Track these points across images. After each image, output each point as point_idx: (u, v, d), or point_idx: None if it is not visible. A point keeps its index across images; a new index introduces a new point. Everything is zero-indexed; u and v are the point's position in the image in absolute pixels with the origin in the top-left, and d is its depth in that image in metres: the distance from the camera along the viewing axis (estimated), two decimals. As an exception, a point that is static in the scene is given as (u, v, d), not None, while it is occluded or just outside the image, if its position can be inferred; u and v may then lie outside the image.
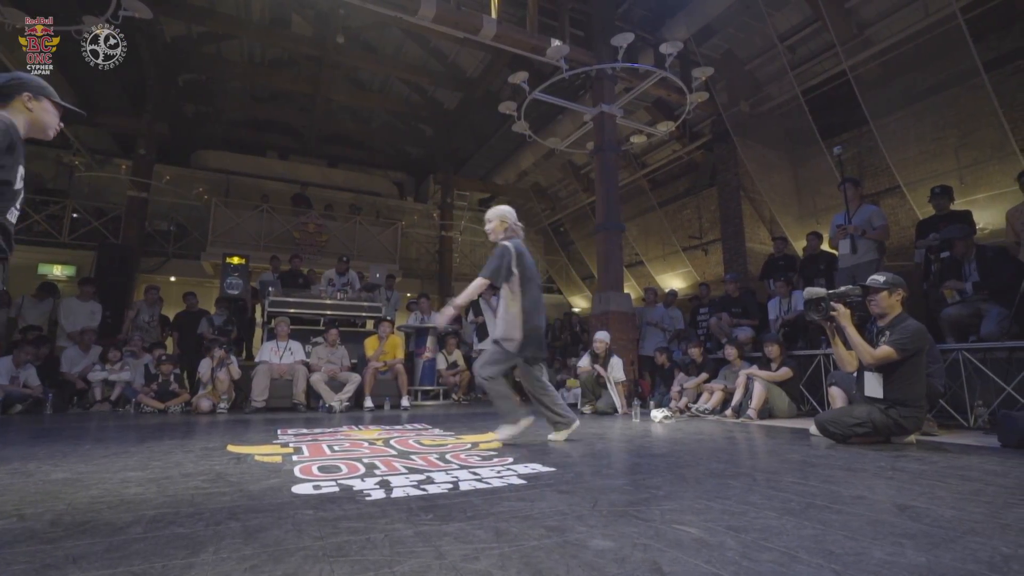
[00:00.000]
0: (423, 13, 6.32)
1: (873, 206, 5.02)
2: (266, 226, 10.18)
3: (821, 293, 3.21)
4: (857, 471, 2.27)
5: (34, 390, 5.18)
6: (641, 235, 11.96)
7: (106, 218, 9.60)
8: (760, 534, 1.39)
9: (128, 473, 2.26)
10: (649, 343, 6.95)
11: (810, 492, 1.88)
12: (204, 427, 4.12)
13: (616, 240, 7.13)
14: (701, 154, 9.98)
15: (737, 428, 4.09)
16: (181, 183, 10.72)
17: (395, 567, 1.18)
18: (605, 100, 7.26)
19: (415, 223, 13.48)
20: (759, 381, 4.64)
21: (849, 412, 3.12)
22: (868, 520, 1.51)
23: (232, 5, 9.48)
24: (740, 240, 8.40)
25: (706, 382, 5.33)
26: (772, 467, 2.40)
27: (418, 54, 11.18)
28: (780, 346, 4.79)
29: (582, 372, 5.55)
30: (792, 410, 4.70)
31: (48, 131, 2.04)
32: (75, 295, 6.61)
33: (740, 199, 8.54)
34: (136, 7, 5.27)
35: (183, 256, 10.01)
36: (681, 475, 2.21)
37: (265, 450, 2.86)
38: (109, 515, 1.62)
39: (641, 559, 1.22)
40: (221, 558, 1.25)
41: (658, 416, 4.49)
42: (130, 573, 1.16)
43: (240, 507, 1.69)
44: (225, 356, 5.23)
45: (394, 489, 1.94)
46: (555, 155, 12.31)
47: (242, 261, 6.58)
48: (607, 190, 7.21)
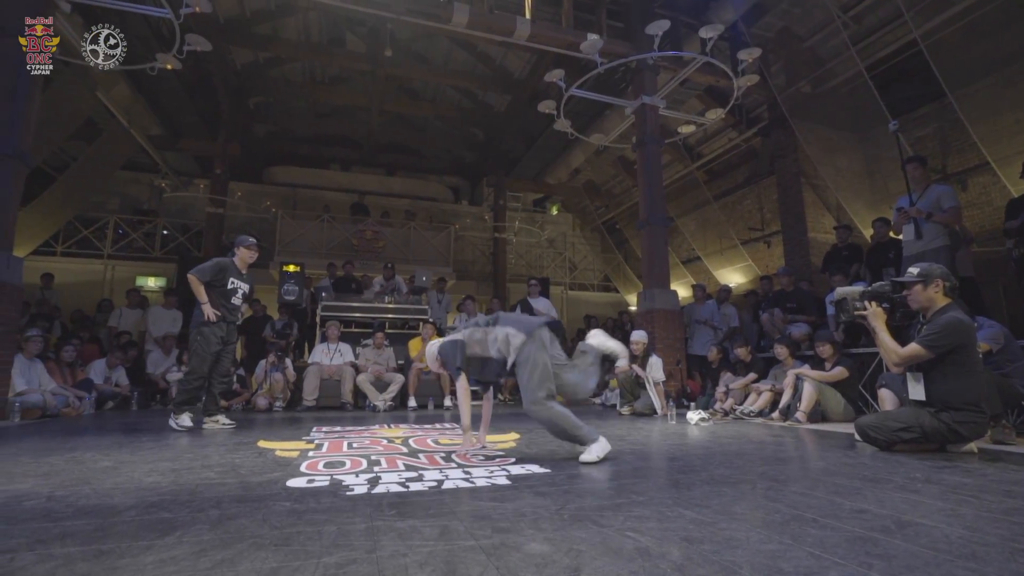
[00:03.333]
0: (457, 20, 6.45)
1: (943, 186, 4.49)
2: (327, 235, 10.80)
3: (852, 291, 2.94)
4: (880, 482, 2.06)
5: (123, 389, 5.85)
6: (699, 229, 11.46)
7: (190, 233, 10.63)
8: (715, 546, 1.31)
9: (159, 463, 2.50)
10: (698, 342, 6.64)
11: (806, 504, 1.73)
12: (251, 423, 4.45)
13: (661, 236, 6.89)
14: (758, 141, 9.39)
15: (781, 431, 3.82)
16: (253, 198, 11.63)
17: (324, 558, 1.23)
18: (646, 92, 7.04)
19: (468, 226, 13.72)
20: (809, 382, 4.30)
21: (894, 416, 2.82)
22: (850, 537, 1.37)
23: (293, 30, 10.16)
24: (801, 230, 7.82)
25: (755, 382, 5.02)
26: (784, 475, 2.23)
27: (466, 60, 11.39)
28: (833, 345, 4.41)
29: (620, 372, 5.40)
30: (849, 413, 4.32)
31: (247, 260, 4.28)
32: (160, 304, 7.37)
33: (800, 186, 7.94)
34: (198, 41, 5.79)
35: (256, 266, 10.81)
36: (676, 480, 2.11)
37: (288, 445, 3.05)
38: (118, 499, 1.80)
39: (564, 565, 1.18)
40: (180, 541, 1.36)
41: (694, 418, 4.29)
42: (98, 551, 1.29)
43: (230, 497, 1.83)
44: (278, 360, 5.62)
45: (378, 485, 2.01)
46: (606, 151, 12.09)
47: (297, 269, 7.03)
48: (650, 184, 6.98)
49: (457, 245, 12.80)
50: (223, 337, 4.09)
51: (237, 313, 4.20)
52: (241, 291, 4.17)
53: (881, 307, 2.90)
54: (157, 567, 1.18)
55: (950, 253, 4.16)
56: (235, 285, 4.12)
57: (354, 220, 11.56)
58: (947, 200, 4.23)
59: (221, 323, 4.05)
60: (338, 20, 9.66)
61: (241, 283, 4.18)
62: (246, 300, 4.35)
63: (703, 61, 6.18)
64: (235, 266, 4.17)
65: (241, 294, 4.18)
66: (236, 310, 4.17)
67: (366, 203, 12.73)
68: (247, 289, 4.26)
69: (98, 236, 10.22)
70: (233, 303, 4.12)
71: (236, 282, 4.13)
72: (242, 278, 4.20)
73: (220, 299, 4.06)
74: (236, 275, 4.15)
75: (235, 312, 4.17)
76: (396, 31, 9.58)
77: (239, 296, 4.17)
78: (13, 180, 4.84)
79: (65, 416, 4.95)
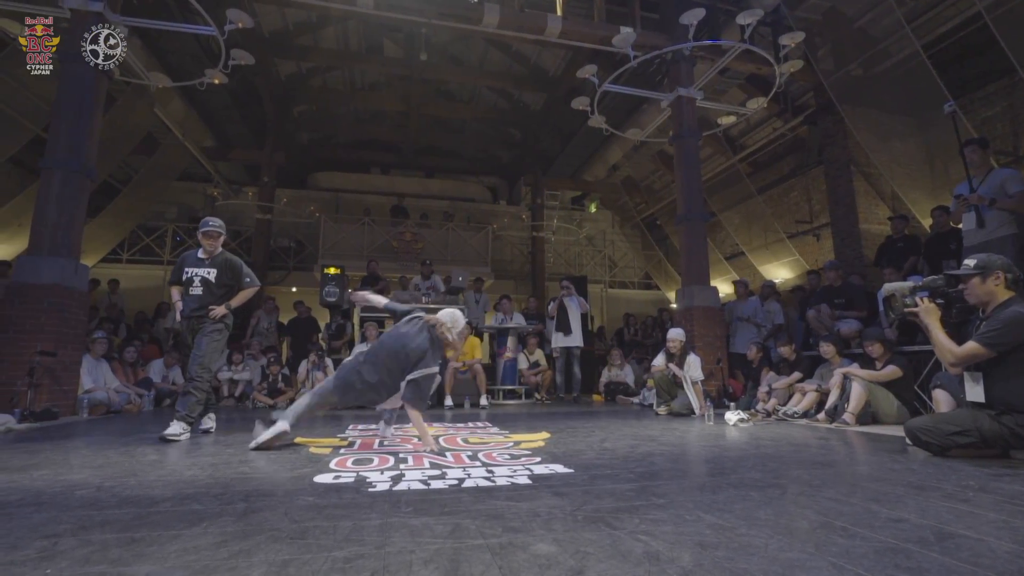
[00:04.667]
0: (487, 21, 6.48)
1: (1009, 170, 4.14)
2: (367, 237, 11.10)
3: (901, 287, 2.75)
4: (926, 489, 1.92)
5: (179, 387, 6.21)
6: (743, 224, 11.04)
7: (241, 239, 11.18)
8: (729, 553, 1.26)
9: (202, 458, 2.63)
10: (741, 340, 6.41)
11: (838, 511, 1.64)
12: (296, 420, 4.63)
13: (700, 231, 6.70)
14: (805, 130, 8.96)
15: (826, 434, 3.63)
16: (298, 204, 12.10)
17: (334, 552, 1.27)
18: (682, 83, 6.85)
19: (506, 226, 13.77)
20: (858, 381, 4.06)
21: (948, 418, 2.62)
22: (881, 548, 1.29)
23: (332, 39, 10.50)
24: (852, 222, 7.39)
25: (800, 382, 4.80)
26: (819, 479, 2.11)
27: (501, 60, 11.43)
28: (883, 344, 4.15)
29: (656, 371, 5.28)
30: (903, 414, 4.04)
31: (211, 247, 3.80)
32: (212, 306, 7.79)
33: (851, 175, 7.51)
34: (242, 56, 6.08)
35: (302, 268, 11.28)
36: (701, 483, 2.04)
37: (323, 442, 3.15)
38: (158, 491, 1.92)
39: (568, 567, 1.17)
40: (206, 531, 1.43)
41: (733, 419, 4.14)
42: (131, 538, 1.38)
43: (258, 491, 1.91)
44: (318, 359, 5.83)
45: (401, 482, 2.04)
46: (645, 146, 11.85)
47: (338, 271, 7.25)
48: (688, 178, 6.79)
49: (495, 245, 12.87)
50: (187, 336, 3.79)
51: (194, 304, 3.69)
52: (199, 278, 3.72)
53: (935, 303, 2.70)
54: (180, 555, 1.25)
55: (1017, 242, 3.83)
56: (190, 275, 3.73)
57: (394, 222, 11.83)
58: (1013, 184, 3.90)
59: (184, 321, 3.76)
60: (375, 28, 9.90)
61: (199, 270, 3.73)
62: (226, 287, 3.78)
63: (741, 48, 5.95)
64: (195, 256, 3.81)
65: (200, 280, 3.71)
66: (194, 300, 3.70)
67: (405, 205, 13.00)
68: (208, 274, 3.73)
69: (158, 243, 10.91)
70: (191, 293, 3.71)
71: (191, 271, 3.73)
72: (201, 264, 3.75)
73: (185, 297, 3.76)
74: (194, 264, 3.76)
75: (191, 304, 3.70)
76: (431, 36, 9.72)
77: (197, 285, 3.72)
78: (80, 193, 5.23)
79: (127, 412, 5.31)
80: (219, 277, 3.72)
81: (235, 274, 3.80)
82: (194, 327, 3.69)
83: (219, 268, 3.73)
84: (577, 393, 7.27)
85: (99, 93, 5.42)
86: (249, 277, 3.82)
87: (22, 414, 4.20)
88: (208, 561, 1.21)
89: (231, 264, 3.80)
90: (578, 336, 7.20)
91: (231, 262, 3.80)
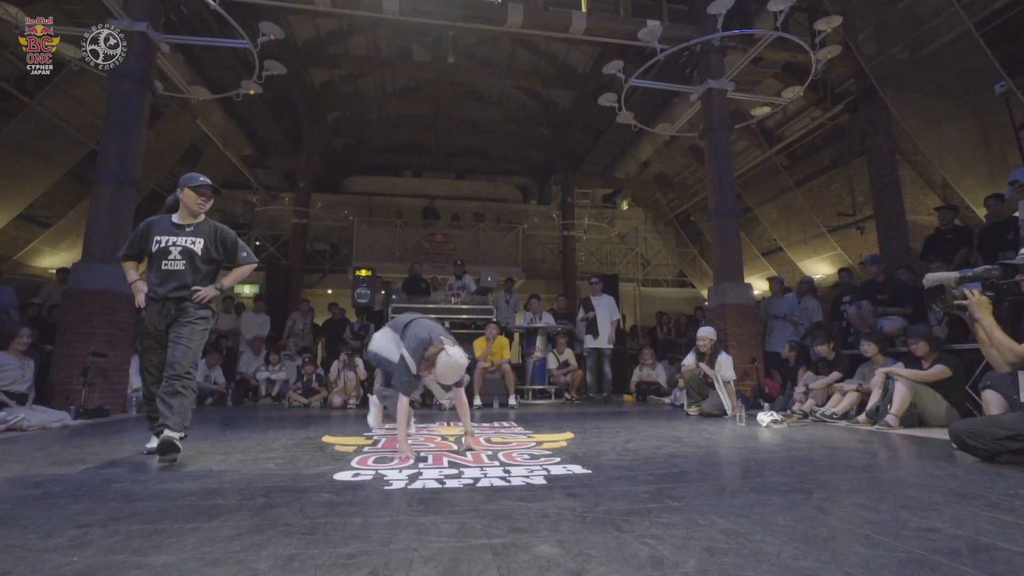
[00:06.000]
0: (512, 21, 6.48)
1: (1071, 154, 3.84)
2: (399, 239, 11.30)
3: (948, 277, 2.57)
4: (967, 497, 1.80)
5: (220, 386, 6.49)
6: (781, 218, 10.65)
7: (279, 243, 11.58)
8: (738, 559, 1.21)
9: (233, 454, 2.74)
10: (777, 339, 6.18)
11: (864, 518, 1.56)
12: (324, 419, 4.76)
13: (732, 226, 6.50)
14: (845, 118, 8.56)
15: (866, 436, 3.46)
16: (333, 208, 12.43)
17: (340, 548, 1.29)
18: (712, 75, 6.66)
19: (537, 225, 13.75)
20: (902, 381, 3.85)
21: (998, 421, 2.45)
22: (905, 559, 1.21)
23: (363, 46, 10.74)
24: (898, 213, 7.01)
25: (839, 381, 4.59)
26: (848, 484, 2.01)
27: (529, 60, 11.42)
28: (929, 342, 3.92)
29: (686, 371, 5.16)
30: (952, 417, 3.80)
31: (196, 208, 2.88)
32: (251, 309, 8.10)
33: (896, 164, 7.12)
34: (274, 66, 6.30)
35: (337, 271, 11.59)
36: (721, 486, 1.98)
37: (348, 441, 3.22)
38: (187, 485, 2.00)
39: (567, 569, 1.15)
40: (223, 525, 1.48)
41: (765, 420, 3.99)
42: (154, 530, 1.44)
43: (279, 487, 1.96)
44: (349, 359, 5.97)
45: (416, 481, 2.07)
46: (677, 141, 11.59)
47: (368, 273, 7.41)
48: (720, 172, 6.61)
49: (526, 244, 12.87)
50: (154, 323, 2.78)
51: (173, 282, 2.77)
52: (178, 248, 2.80)
53: (985, 295, 2.52)
54: (195, 547, 1.30)
55: (1080, 231, 3.55)
56: (164, 244, 2.79)
57: (425, 224, 12.00)
58: (1075, 170, 3.61)
59: (151, 304, 2.78)
60: (404, 33, 10.07)
61: (178, 239, 2.81)
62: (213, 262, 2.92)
63: (773, 36, 5.73)
64: (169, 222, 2.86)
65: (179, 252, 2.79)
66: (173, 278, 2.77)
67: (436, 207, 13.15)
68: (193, 244, 2.83)
69: (203, 249, 11.39)
70: (166, 268, 2.77)
71: (166, 240, 2.80)
72: (179, 232, 2.83)
73: (151, 272, 2.82)
74: (168, 231, 2.83)
75: (168, 282, 2.77)
76: (459, 38, 9.80)
77: (176, 258, 2.79)
78: (127, 203, 5.53)
79: (173, 410, 5.56)
80: (206, 250, 2.85)
81: (227, 247, 2.94)
82: (168, 313, 2.77)
83: (206, 238, 2.86)
84: (608, 393, 7.19)
85: (144, 108, 5.70)
86: (246, 251, 3.02)
87: (77, 411, 4.48)
88: (220, 553, 1.26)
89: (222, 234, 2.94)
90: (606, 336, 7.13)
91: (222, 232, 2.94)
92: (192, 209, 2.86)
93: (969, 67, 6.71)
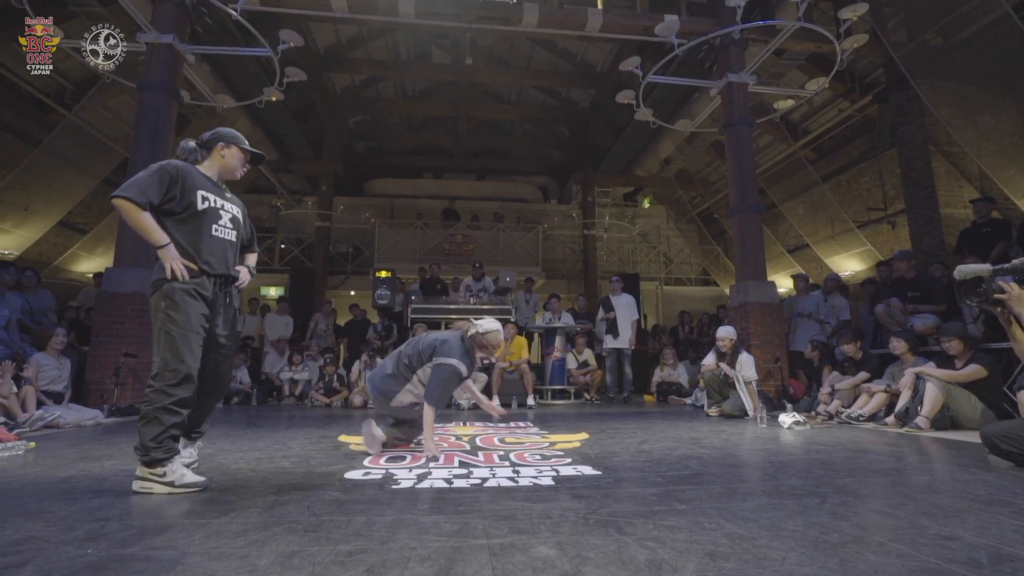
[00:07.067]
0: (527, 20, 6.47)
1: (1116, 142, 3.63)
2: (420, 241, 11.40)
3: (981, 269, 2.45)
4: (995, 504, 1.72)
5: (245, 386, 6.66)
6: (807, 214, 10.36)
7: (303, 246, 11.81)
8: (739, 565, 1.18)
9: (251, 452, 2.80)
10: (802, 338, 6.01)
11: (879, 524, 1.50)
12: (343, 419, 4.83)
13: (755, 223, 6.35)
14: (875, 109, 8.27)
15: (894, 439, 3.33)
16: (355, 210, 12.62)
17: (340, 545, 1.31)
18: (732, 69, 6.52)
19: (557, 224, 13.69)
20: (933, 382, 3.70)
21: (1032, 424, 2.33)
22: (918, 568, 1.17)
23: (383, 51, 10.89)
24: (932, 206, 6.73)
25: (867, 382, 4.43)
26: (867, 489, 1.94)
27: (547, 59, 11.40)
28: (963, 341, 3.75)
29: (706, 371, 5.06)
30: (988, 419, 3.63)
31: (235, 173, 2.26)
32: (275, 310, 8.28)
33: (929, 156, 6.85)
34: (295, 73, 6.44)
35: (359, 273, 11.75)
36: (732, 489, 1.93)
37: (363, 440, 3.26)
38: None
39: (563, 571, 1.15)
40: (232, 521, 1.52)
41: (787, 421, 3.89)
42: (168, 525, 1.49)
43: (290, 485, 2.00)
44: (370, 359, 6.05)
45: (424, 480, 2.08)
46: (698, 137, 11.39)
47: (389, 274, 7.50)
48: (741, 168, 6.46)
49: (546, 244, 12.83)
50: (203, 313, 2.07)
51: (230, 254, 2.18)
52: (228, 215, 2.19)
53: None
54: (203, 542, 1.34)
55: None
56: (214, 204, 2.13)
57: (445, 225, 12.08)
58: (1120, 158, 3.41)
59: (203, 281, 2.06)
60: (422, 36, 10.16)
61: (224, 201, 2.19)
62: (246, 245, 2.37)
63: (795, 27, 5.58)
64: (204, 176, 2.17)
65: (230, 220, 2.19)
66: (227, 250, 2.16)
67: (456, 208, 13.22)
68: (238, 213, 2.26)
69: (231, 252, 11.71)
70: (217, 235, 2.12)
71: (214, 199, 2.14)
72: (221, 192, 2.20)
73: (186, 235, 2.07)
74: (210, 188, 2.15)
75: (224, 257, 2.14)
76: (477, 40, 9.83)
77: (226, 225, 2.16)
78: (156, 209, 5.71)
79: (201, 409, 5.72)
80: (245, 223, 2.34)
81: (250, 228, 2.41)
82: (215, 299, 2.12)
83: (242, 209, 2.33)
84: (628, 393, 7.11)
85: (171, 117, 5.88)
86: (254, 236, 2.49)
87: (110, 410, 4.66)
88: (225, 549, 1.29)
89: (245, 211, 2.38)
90: (626, 338, 7.05)
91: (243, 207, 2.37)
92: (232, 172, 2.26)
93: (1008, 52, 6.41)
